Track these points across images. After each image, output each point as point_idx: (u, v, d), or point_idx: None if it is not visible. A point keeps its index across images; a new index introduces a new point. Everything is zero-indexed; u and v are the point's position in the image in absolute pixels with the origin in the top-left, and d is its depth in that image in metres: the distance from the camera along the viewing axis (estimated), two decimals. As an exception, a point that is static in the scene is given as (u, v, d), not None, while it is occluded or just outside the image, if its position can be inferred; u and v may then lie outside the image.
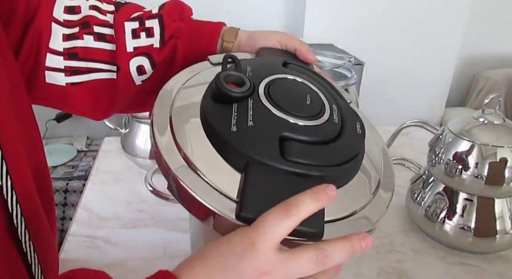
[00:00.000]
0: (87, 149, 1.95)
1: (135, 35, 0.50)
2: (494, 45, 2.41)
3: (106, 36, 0.50)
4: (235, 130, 0.35)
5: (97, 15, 0.50)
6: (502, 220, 0.67)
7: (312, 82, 0.42)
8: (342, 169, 0.36)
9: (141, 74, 0.51)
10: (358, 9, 1.93)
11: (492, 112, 0.69)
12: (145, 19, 0.51)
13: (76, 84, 0.50)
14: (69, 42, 0.49)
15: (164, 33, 0.51)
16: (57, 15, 0.48)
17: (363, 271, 0.66)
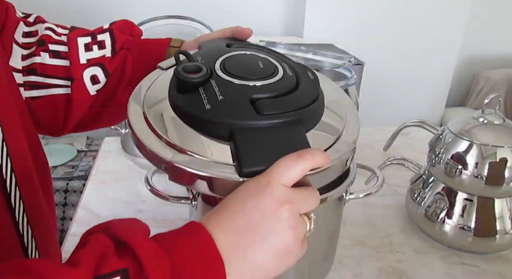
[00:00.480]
0: (87, 149, 1.95)
1: (88, 48, 0.54)
2: (494, 45, 2.41)
3: (61, 53, 0.53)
4: (210, 108, 0.38)
5: (52, 35, 0.54)
6: (502, 220, 0.67)
7: (257, 52, 0.47)
8: (311, 109, 0.41)
9: (95, 83, 0.54)
10: (358, 9, 1.93)
11: (492, 112, 0.69)
12: (97, 34, 0.56)
13: (35, 99, 0.53)
14: (27, 60, 0.52)
15: (115, 44, 0.55)
16: (18, 38, 0.52)
17: (363, 271, 0.66)
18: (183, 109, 0.39)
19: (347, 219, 0.78)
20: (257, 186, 0.34)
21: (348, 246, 0.71)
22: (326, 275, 0.63)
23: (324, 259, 0.60)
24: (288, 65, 0.45)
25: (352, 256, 0.69)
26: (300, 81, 0.43)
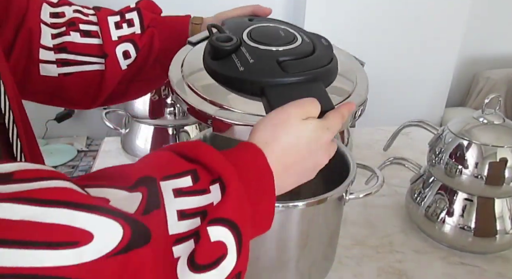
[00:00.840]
0: (87, 149, 1.95)
1: (118, 26, 0.58)
2: (494, 45, 2.41)
3: (91, 32, 0.57)
4: (243, 69, 0.45)
5: (81, 16, 0.57)
6: (502, 220, 0.67)
7: (277, 23, 0.54)
8: (328, 68, 0.48)
9: (126, 58, 0.58)
10: (358, 9, 1.93)
11: (492, 112, 0.69)
12: (125, 12, 0.59)
13: (67, 75, 0.56)
14: (58, 39, 0.55)
15: (143, 22, 0.59)
16: (45, 18, 0.55)
17: (363, 271, 0.66)
18: (220, 72, 0.46)
19: (347, 219, 0.78)
20: (301, 118, 0.39)
21: (348, 246, 0.71)
22: (326, 275, 0.63)
23: (324, 259, 0.60)
24: (305, 34, 0.52)
25: (352, 256, 0.69)
26: (316, 46, 0.50)
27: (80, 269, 0.23)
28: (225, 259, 0.28)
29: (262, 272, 0.56)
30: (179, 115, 0.93)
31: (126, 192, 0.27)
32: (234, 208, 0.29)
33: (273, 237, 0.53)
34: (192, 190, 0.29)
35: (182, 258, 0.26)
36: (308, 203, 0.51)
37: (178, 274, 0.26)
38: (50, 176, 0.25)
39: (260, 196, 0.33)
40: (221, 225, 0.28)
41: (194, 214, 0.28)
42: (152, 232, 0.25)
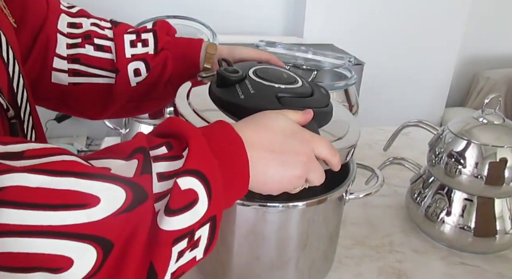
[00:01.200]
0: (87, 149, 1.95)
1: (133, 45, 0.60)
2: (494, 45, 2.41)
3: (104, 47, 0.59)
4: (243, 97, 0.47)
5: (97, 30, 0.60)
6: (502, 220, 0.67)
7: (282, 68, 0.58)
8: (323, 110, 0.50)
9: (137, 76, 0.60)
10: (358, 9, 1.93)
11: (492, 112, 0.69)
12: (142, 32, 0.62)
13: (77, 85, 0.58)
14: (72, 49, 0.58)
15: (158, 44, 0.61)
16: (62, 28, 0.57)
17: (363, 271, 0.66)
18: (222, 98, 0.49)
19: (347, 219, 0.78)
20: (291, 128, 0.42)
21: (348, 246, 0.71)
22: (326, 275, 0.63)
23: (324, 259, 0.60)
24: (305, 80, 0.55)
25: (352, 256, 0.69)
26: (314, 91, 0.52)
27: (91, 226, 0.27)
28: (197, 203, 0.32)
29: (262, 272, 0.56)
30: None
31: (123, 161, 0.31)
32: (198, 160, 0.33)
33: (273, 237, 0.54)
34: (167, 156, 0.33)
35: (160, 211, 0.31)
36: (308, 203, 0.51)
37: (158, 222, 0.30)
38: (57, 152, 0.29)
39: (231, 159, 0.36)
40: (188, 175, 0.32)
41: (169, 176, 0.32)
42: (147, 192, 0.30)
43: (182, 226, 0.31)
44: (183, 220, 0.31)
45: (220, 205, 0.35)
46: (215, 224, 0.35)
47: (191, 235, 0.33)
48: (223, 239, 0.55)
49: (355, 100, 0.96)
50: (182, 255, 0.33)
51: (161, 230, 0.30)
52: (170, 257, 0.31)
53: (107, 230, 0.28)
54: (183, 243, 0.32)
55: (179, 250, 0.32)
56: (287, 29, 2.11)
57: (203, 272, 0.62)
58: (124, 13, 1.87)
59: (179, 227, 0.31)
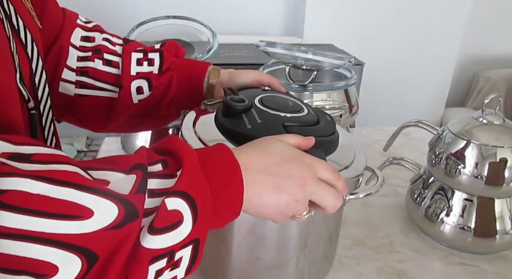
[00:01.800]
0: (87, 149, 1.95)
1: (139, 63, 0.62)
2: (494, 45, 2.41)
3: (112, 62, 0.61)
4: (250, 127, 0.48)
5: (108, 45, 0.62)
6: (502, 220, 0.68)
7: (287, 96, 0.59)
8: (330, 139, 0.51)
9: (139, 93, 0.62)
10: (358, 9, 1.93)
11: (492, 112, 0.69)
12: (149, 52, 0.63)
13: (82, 96, 0.61)
14: (82, 62, 0.60)
15: (163, 64, 0.63)
16: (74, 41, 0.60)
17: (363, 271, 0.66)
18: (229, 128, 0.49)
19: (347, 219, 0.78)
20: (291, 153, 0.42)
21: (348, 246, 0.71)
22: (326, 275, 0.63)
23: (324, 259, 0.60)
24: (311, 108, 0.56)
25: (352, 256, 0.69)
26: (320, 119, 0.53)
27: (81, 237, 0.28)
28: (181, 225, 0.33)
29: (262, 272, 0.56)
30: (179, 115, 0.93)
31: (123, 174, 0.32)
32: (189, 183, 0.34)
33: (273, 237, 0.54)
34: (161, 174, 0.34)
35: (144, 228, 0.32)
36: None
37: (140, 239, 0.31)
38: (61, 161, 0.30)
39: (225, 183, 0.37)
40: (176, 197, 0.33)
41: (159, 194, 0.33)
42: (139, 210, 0.31)
43: (162, 246, 0.32)
44: (164, 240, 0.32)
45: (205, 228, 0.35)
46: (198, 246, 0.36)
47: (170, 255, 0.33)
48: (223, 239, 0.55)
49: (355, 100, 0.96)
50: (161, 274, 0.33)
51: (142, 247, 0.31)
52: (147, 274, 0.32)
53: (95, 243, 0.29)
54: (161, 262, 0.33)
55: (157, 269, 0.33)
56: (287, 29, 2.11)
57: (203, 272, 0.62)
58: (124, 13, 1.87)
59: (159, 247, 0.32)
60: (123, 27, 0.88)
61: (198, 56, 0.83)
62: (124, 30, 0.83)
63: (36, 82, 0.47)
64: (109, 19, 1.79)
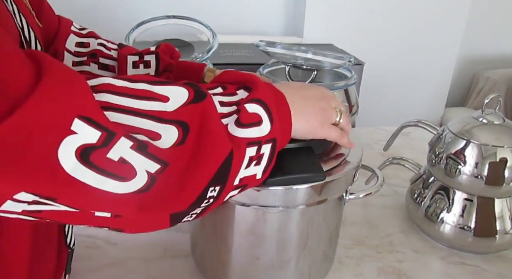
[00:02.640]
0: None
1: (135, 65, 0.63)
2: (494, 45, 2.41)
3: (109, 66, 0.62)
4: None
5: (103, 50, 0.63)
6: (502, 220, 0.67)
7: None
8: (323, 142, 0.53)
9: None
10: (358, 9, 1.93)
11: (492, 112, 0.69)
12: (144, 54, 0.64)
13: None
14: (77, 67, 0.60)
15: (159, 65, 0.63)
16: (69, 47, 0.61)
17: (363, 271, 0.66)
18: None
19: (347, 219, 0.78)
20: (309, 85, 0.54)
21: (348, 246, 0.71)
22: (326, 275, 0.63)
23: (324, 259, 0.60)
24: None
25: (352, 256, 0.69)
26: None
27: (167, 114, 0.35)
28: (262, 123, 0.40)
29: (262, 272, 0.56)
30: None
31: (179, 86, 0.38)
32: (262, 93, 0.41)
33: (273, 237, 0.53)
34: (223, 93, 0.41)
35: (230, 124, 0.38)
36: (308, 203, 0.51)
37: (229, 130, 0.38)
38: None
39: (278, 105, 0.43)
40: (254, 103, 0.40)
41: (230, 104, 0.39)
42: (206, 93, 0.38)
43: (252, 135, 0.39)
44: (253, 131, 0.39)
45: (278, 131, 0.42)
46: (275, 147, 0.42)
47: (259, 145, 0.40)
48: (223, 239, 0.55)
49: (355, 100, 0.96)
50: (250, 164, 0.40)
51: (235, 136, 0.38)
52: (244, 155, 0.39)
53: (181, 116, 0.35)
54: (253, 149, 0.39)
55: (250, 155, 0.39)
56: (287, 29, 2.11)
57: (203, 272, 0.62)
58: (124, 13, 1.87)
59: (250, 136, 0.39)
60: (122, 27, 0.88)
61: (198, 56, 0.83)
62: (124, 30, 0.83)
63: None
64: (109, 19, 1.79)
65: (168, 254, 0.68)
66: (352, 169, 0.53)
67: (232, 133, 0.38)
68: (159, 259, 0.66)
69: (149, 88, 0.35)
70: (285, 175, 0.47)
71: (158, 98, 0.35)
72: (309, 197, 0.50)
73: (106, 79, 0.34)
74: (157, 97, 0.35)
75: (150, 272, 0.63)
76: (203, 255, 0.61)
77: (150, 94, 0.35)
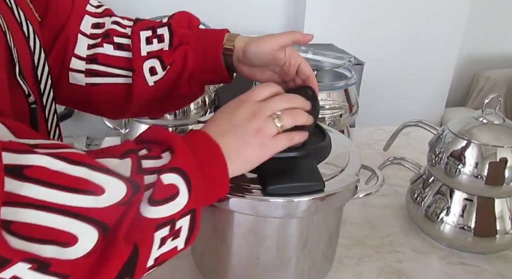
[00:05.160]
0: (87, 149, 1.95)
1: (148, 42, 0.58)
2: (494, 45, 2.41)
3: (124, 46, 0.57)
4: None
5: (117, 28, 0.58)
6: (502, 220, 0.67)
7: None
8: (321, 146, 0.54)
9: (153, 75, 0.58)
10: (358, 9, 1.93)
11: (492, 112, 0.69)
12: (157, 27, 0.58)
13: (94, 85, 0.57)
14: (92, 50, 0.57)
15: (173, 38, 0.58)
16: (85, 29, 0.57)
17: (363, 271, 0.66)
18: None
19: (347, 219, 0.78)
20: (234, 102, 0.47)
21: (348, 246, 0.71)
22: (326, 275, 0.63)
23: (324, 259, 0.60)
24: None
25: (352, 256, 0.69)
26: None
27: (96, 211, 0.31)
28: (178, 196, 0.36)
29: (262, 272, 0.56)
30: (179, 115, 0.93)
31: (118, 160, 0.35)
32: (181, 160, 0.37)
33: (273, 237, 0.53)
34: (147, 156, 0.38)
35: (143, 201, 0.35)
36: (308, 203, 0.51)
37: (141, 211, 0.35)
38: (66, 147, 0.33)
39: (209, 159, 0.41)
40: (171, 172, 0.36)
41: (151, 172, 0.36)
42: (141, 187, 0.35)
43: (163, 215, 0.36)
44: (165, 210, 0.36)
45: (200, 199, 0.39)
46: (195, 216, 0.39)
47: (172, 224, 0.37)
48: (223, 239, 0.55)
49: (355, 100, 0.96)
50: (164, 242, 0.37)
51: (144, 217, 0.35)
52: (153, 242, 0.35)
53: (108, 217, 0.32)
54: (165, 230, 0.36)
55: (161, 237, 0.36)
56: (287, 29, 2.11)
57: (203, 272, 0.62)
58: (124, 13, 1.87)
59: (161, 216, 0.35)
60: (123, 27, 0.88)
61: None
62: (124, 30, 0.83)
63: (38, 75, 0.47)
64: (109, 19, 1.79)
65: (168, 254, 0.68)
66: (353, 182, 0.52)
67: (142, 213, 0.34)
68: (159, 259, 0.66)
69: (87, 175, 0.31)
70: (284, 183, 0.47)
71: (93, 190, 0.31)
72: (309, 207, 0.50)
73: (42, 160, 0.30)
74: (92, 189, 0.31)
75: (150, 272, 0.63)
76: (203, 255, 0.61)
77: (85, 184, 0.31)
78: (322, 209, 0.51)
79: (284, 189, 0.48)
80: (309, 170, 0.50)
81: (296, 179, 0.48)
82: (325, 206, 0.51)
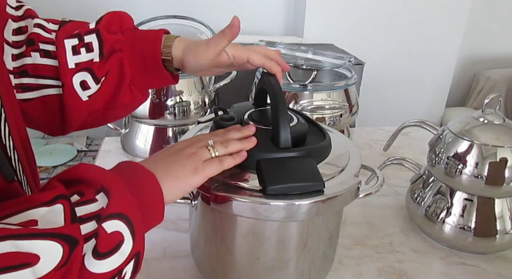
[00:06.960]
0: (87, 149, 1.95)
1: (76, 51, 0.51)
2: (494, 45, 2.41)
3: (51, 52, 0.51)
4: None
5: (42, 33, 0.51)
6: (502, 220, 0.67)
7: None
8: (320, 146, 0.54)
9: (85, 89, 0.52)
10: (358, 9, 1.93)
11: (492, 112, 0.69)
12: (83, 34, 0.52)
13: (28, 101, 0.50)
14: (18, 61, 0.49)
15: (103, 46, 0.52)
16: (7, 36, 0.49)
17: (363, 271, 0.66)
18: None
19: (347, 219, 0.78)
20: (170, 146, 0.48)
21: (348, 246, 0.71)
22: (326, 275, 0.63)
23: (324, 259, 0.60)
24: (302, 116, 0.59)
25: (352, 256, 0.69)
26: (310, 127, 0.57)
27: None
28: (123, 244, 0.34)
29: (262, 272, 0.56)
30: (179, 115, 0.93)
31: (46, 208, 0.31)
32: (120, 203, 0.35)
33: (273, 237, 0.53)
34: (81, 202, 0.34)
35: (87, 254, 0.32)
36: (308, 203, 0.51)
37: (86, 265, 0.32)
38: None
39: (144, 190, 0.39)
40: (113, 219, 0.34)
41: (89, 218, 0.33)
42: (79, 240, 0.31)
43: (112, 268, 0.33)
44: (112, 262, 0.33)
45: (142, 240, 0.37)
46: (139, 258, 0.37)
47: (120, 274, 0.34)
48: (223, 239, 0.55)
49: (355, 100, 0.96)
50: None
51: (91, 273, 0.32)
52: None
53: None
54: None
55: None
56: (287, 29, 2.11)
57: (203, 272, 0.62)
58: (124, 13, 1.87)
59: (109, 269, 0.33)
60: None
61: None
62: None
63: None
64: (109, 19, 1.78)
65: (168, 254, 0.68)
66: (354, 184, 0.52)
67: (88, 269, 0.32)
68: (159, 259, 0.66)
69: (14, 248, 0.28)
70: (284, 183, 0.48)
71: (26, 261, 0.28)
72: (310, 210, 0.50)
73: None
74: (25, 261, 0.28)
75: (150, 272, 0.63)
76: (203, 255, 0.61)
77: (16, 259, 0.28)
78: (323, 211, 0.51)
79: (284, 189, 0.48)
80: (309, 170, 0.50)
81: (296, 179, 0.48)
82: (326, 209, 0.50)
